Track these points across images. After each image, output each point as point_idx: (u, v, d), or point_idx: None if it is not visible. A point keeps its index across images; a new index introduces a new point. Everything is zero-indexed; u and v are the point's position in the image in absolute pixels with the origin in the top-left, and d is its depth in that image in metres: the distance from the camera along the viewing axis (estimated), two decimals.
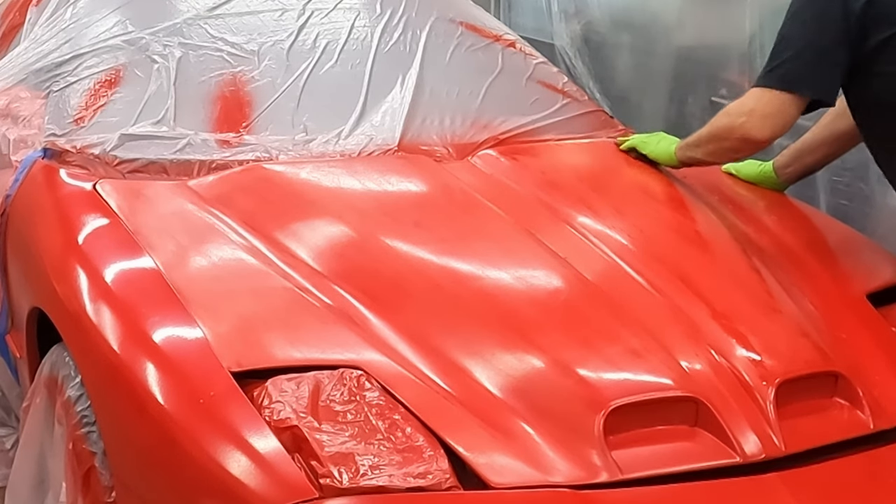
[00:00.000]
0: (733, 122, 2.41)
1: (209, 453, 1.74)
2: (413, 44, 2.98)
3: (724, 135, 2.46)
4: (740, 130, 2.39)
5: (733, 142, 2.44)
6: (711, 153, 2.56)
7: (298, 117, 2.73)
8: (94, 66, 2.79)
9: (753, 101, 2.38)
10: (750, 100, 2.39)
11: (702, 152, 2.58)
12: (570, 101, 3.05)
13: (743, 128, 2.38)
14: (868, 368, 2.07)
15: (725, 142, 2.47)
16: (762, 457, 1.85)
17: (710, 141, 2.53)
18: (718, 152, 2.54)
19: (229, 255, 2.19)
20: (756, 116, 2.36)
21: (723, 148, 2.50)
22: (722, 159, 2.64)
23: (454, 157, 2.70)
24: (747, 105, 2.39)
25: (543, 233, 2.31)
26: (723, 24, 3.70)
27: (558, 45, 4.39)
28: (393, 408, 1.81)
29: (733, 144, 2.45)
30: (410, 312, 2.04)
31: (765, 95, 2.35)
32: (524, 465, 1.76)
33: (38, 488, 2.29)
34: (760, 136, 2.38)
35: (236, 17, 2.95)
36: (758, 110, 2.36)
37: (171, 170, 2.55)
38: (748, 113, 2.37)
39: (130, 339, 1.97)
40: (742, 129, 2.39)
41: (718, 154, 2.56)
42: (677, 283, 2.18)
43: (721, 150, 2.52)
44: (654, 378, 1.93)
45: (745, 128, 2.38)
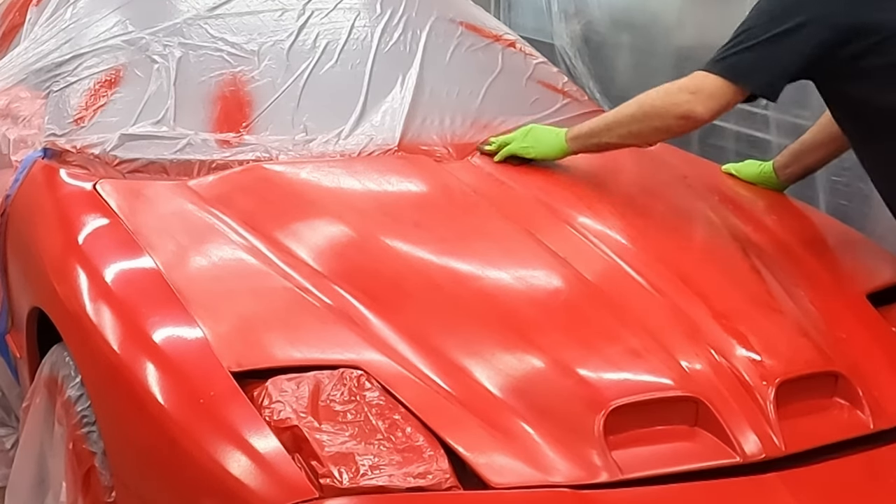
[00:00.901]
0: (674, 99, 2.37)
1: (209, 453, 1.74)
2: (413, 44, 2.98)
3: (660, 113, 2.40)
4: (684, 107, 2.35)
5: (671, 120, 2.39)
6: (630, 135, 2.48)
7: (298, 117, 2.73)
8: (94, 66, 2.79)
9: (698, 82, 2.35)
10: (694, 81, 2.35)
11: (615, 135, 2.50)
12: (570, 101, 3.05)
13: (688, 104, 2.34)
14: (868, 368, 2.07)
15: (658, 120, 2.41)
16: (762, 457, 1.85)
17: (635, 122, 2.45)
18: (642, 133, 2.47)
19: (229, 255, 2.19)
20: (702, 96, 2.33)
21: (653, 127, 2.44)
22: (640, 141, 2.54)
23: (454, 157, 2.70)
24: (692, 86, 2.35)
25: (543, 233, 2.31)
26: (723, 24, 3.69)
27: (558, 45, 4.39)
28: (393, 408, 1.81)
29: (670, 123, 2.40)
30: (410, 312, 2.04)
31: (709, 79, 2.34)
32: (524, 465, 1.76)
33: (38, 488, 2.29)
34: (704, 115, 2.34)
35: (236, 17, 2.95)
36: (704, 91, 2.33)
37: (171, 170, 2.55)
38: (694, 92, 2.34)
39: (130, 339, 1.97)
40: (687, 105, 2.34)
41: (640, 135, 2.48)
42: (677, 283, 2.18)
43: (650, 129, 2.45)
44: (654, 378, 1.93)
45: (691, 105, 2.34)
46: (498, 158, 2.66)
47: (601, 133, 2.53)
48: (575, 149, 2.58)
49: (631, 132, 2.47)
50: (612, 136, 2.51)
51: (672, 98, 2.38)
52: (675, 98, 2.37)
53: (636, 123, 2.45)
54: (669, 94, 2.39)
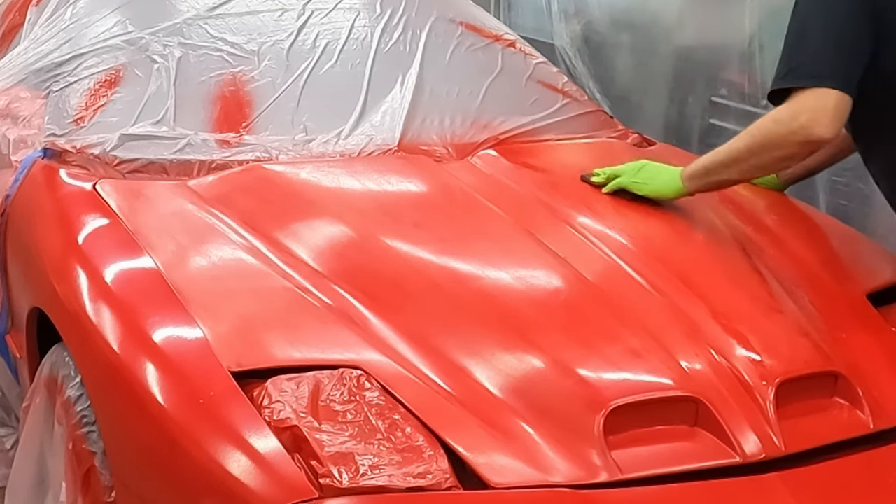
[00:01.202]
0: (787, 126, 2.24)
1: (209, 453, 1.74)
2: (413, 44, 2.98)
3: (779, 142, 2.27)
4: (802, 133, 2.23)
5: (793, 147, 2.27)
6: (753, 168, 2.37)
7: (298, 117, 2.74)
8: (94, 66, 2.79)
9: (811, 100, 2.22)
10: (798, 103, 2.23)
11: (735, 171, 2.39)
12: (570, 101, 3.05)
13: (804, 130, 2.22)
14: (868, 368, 2.07)
15: (779, 150, 2.28)
16: (762, 457, 1.85)
17: (754, 154, 2.32)
18: (767, 164, 2.36)
19: (229, 255, 2.19)
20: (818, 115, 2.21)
21: (774, 158, 2.31)
22: (764, 173, 2.46)
23: (454, 157, 2.70)
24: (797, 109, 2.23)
25: (543, 233, 2.31)
26: (723, 24, 3.70)
27: (558, 45, 4.40)
28: (393, 408, 1.81)
29: (794, 150, 2.28)
30: (410, 312, 2.04)
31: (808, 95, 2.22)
32: (524, 465, 1.76)
33: (38, 488, 2.29)
34: (827, 135, 2.22)
35: (236, 17, 2.95)
36: (819, 108, 2.21)
37: (171, 170, 2.55)
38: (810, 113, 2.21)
39: (130, 339, 1.97)
40: (803, 131, 2.22)
41: (766, 167, 2.38)
42: (677, 283, 2.18)
43: (772, 160, 2.33)
44: (654, 378, 1.93)
45: (809, 129, 2.21)
46: (607, 190, 2.54)
47: (719, 171, 2.40)
48: (692, 189, 2.46)
49: (753, 166, 2.36)
50: (732, 173, 2.40)
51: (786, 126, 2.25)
52: (789, 125, 2.24)
53: (756, 157, 2.33)
54: (780, 122, 2.27)
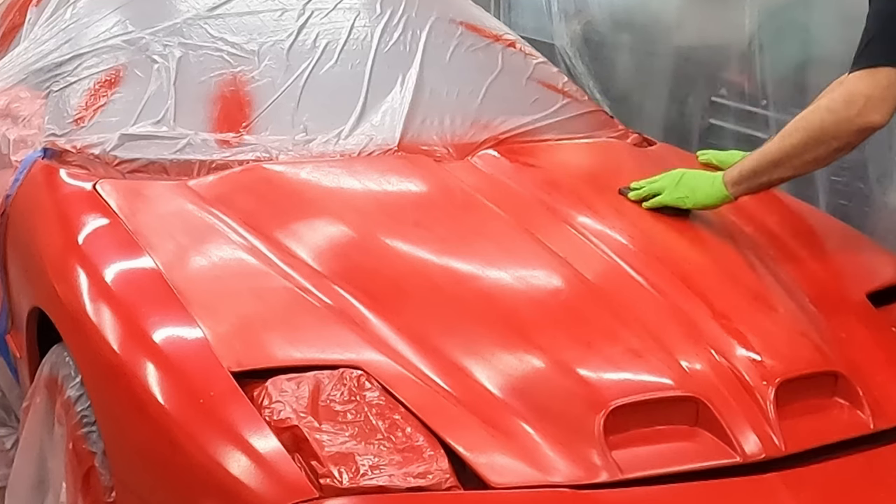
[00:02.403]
0: (844, 114, 2.19)
1: (209, 453, 1.74)
2: (413, 44, 2.98)
3: (834, 133, 2.22)
4: (857, 121, 2.19)
5: (849, 136, 2.22)
6: (807, 163, 2.31)
7: (298, 117, 2.74)
8: (94, 66, 2.79)
9: (866, 84, 2.17)
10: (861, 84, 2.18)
11: (789, 168, 2.32)
12: (570, 101, 3.05)
13: (861, 117, 2.18)
14: (868, 368, 2.07)
15: (835, 141, 2.23)
16: (762, 457, 1.85)
17: (809, 149, 2.27)
18: (821, 158, 2.29)
19: (229, 255, 2.19)
20: (875, 101, 2.16)
21: (832, 149, 2.26)
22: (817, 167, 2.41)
23: (454, 157, 2.70)
24: (860, 91, 2.18)
25: (543, 233, 2.31)
26: (723, 24, 3.70)
27: (558, 45, 4.39)
28: (393, 408, 1.81)
29: (850, 140, 2.24)
30: (410, 312, 2.04)
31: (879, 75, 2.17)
32: (524, 465, 1.76)
33: (38, 488, 2.29)
34: (882, 121, 2.18)
35: (236, 17, 2.95)
36: (876, 93, 2.16)
37: (171, 170, 2.55)
38: (865, 99, 2.17)
39: (130, 339, 1.97)
40: (860, 118, 2.18)
41: (822, 160, 2.31)
42: (677, 282, 2.18)
43: (828, 152, 2.27)
44: (654, 378, 1.93)
45: (865, 116, 2.17)
46: (648, 206, 2.46)
47: (769, 170, 2.34)
48: (740, 194, 2.39)
49: (807, 161, 2.30)
50: (784, 171, 2.34)
51: (843, 113, 2.21)
52: (845, 114, 2.20)
53: (811, 151, 2.27)
54: (835, 111, 2.22)
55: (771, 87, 3.43)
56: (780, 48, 3.38)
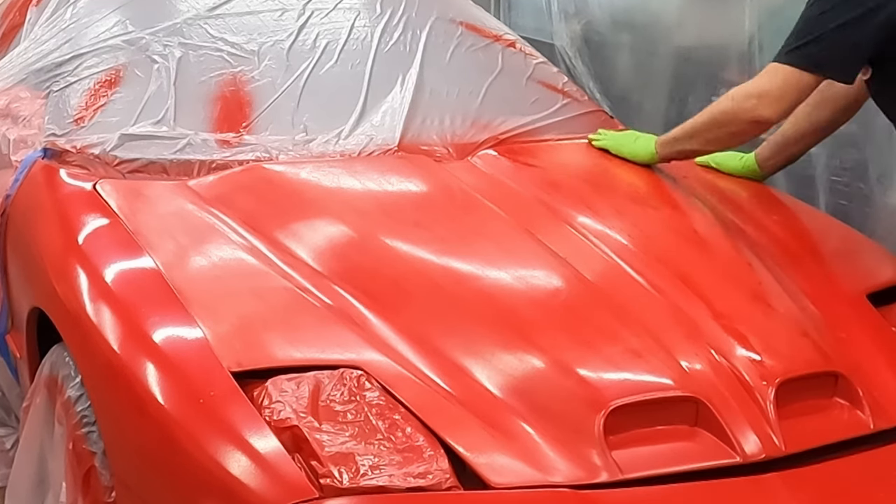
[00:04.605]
0: (741, 105, 2.42)
1: (209, 453, 1.74)
2: (413, 44, 2.98)
3: (729, 119, 2.46)
4: (751, 113, 2.40)
5: (741, 125, 2.45)
6: (710, 141, 2.56)
7: (298, 117, 2.73)
8: (94, 66, 2.79)
9: (767, 81, 2.37)
10: (763, 80, 2.38)
11: (697, 142, 2.58)
12: (570, 101, 3.05)
13: (755, 110, 2.39)
14: (868, 368, 2.07)
15: (730, 126, 2.47)
16: (762, 457, 1.85)
17: (711, 128, 2.52)
18: (720, 139, 2.54)
19: (229, 255, 2.19)
20: (770, 98, 2.36)
21: (728, 133, 2.50)
22: (721, 146, 2.62)
23: (454, 157, 2.70)
24: (759, 86, 2.38)
25: (543, 233, 2.31)
26: (723, 24, 3.70)
27: (558, 45, 4.40)
28: (393, 408, 1.81)
29: (741, 128, 2.46)
30: (410, 312, 2.04)
31: (780, 73, 2.35)
32: (524, 465, 1.76)
33: (38, 488, 2.29)
34: (772, 116, 2.40)
35: (236, 17, 2.95)
36: (773, 91, 2.36)
37: (171, 170, 2.55)
38: (759, 95, 2.38)
39: (130, 339, 1.97)
40: (754, 111, 2.39)
41: (719, 141, 2.56)
42: (677, 282, 2.18)
43: (724, 135, 2.51)
44: (654, 378, 1.93)
45: (758, 110, 2.38)
46: (595, 145, 2.79)
47: (684, 140, 2.61)
48: (663, 154, 2.66)
49: (709, 139, 2.56)
50: (694, 143, 2.60)
51: (741, 104, 2.43)
52: (743, 104, 2.42)
53: (713, 130, 2.53)
54: (737, 99, 2.44)
55: None
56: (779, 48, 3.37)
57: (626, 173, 2.73)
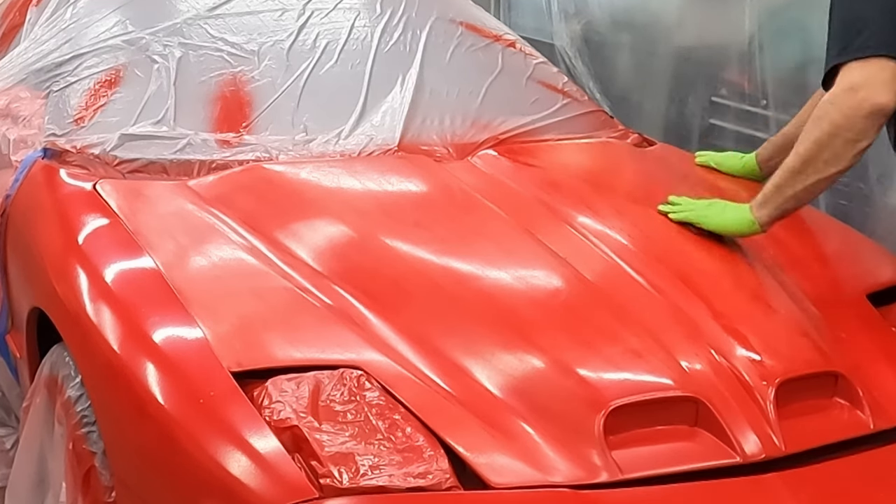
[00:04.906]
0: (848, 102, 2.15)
1: (209, 453, 1.74)
2: (413, 44, 2.98)
3: (844, 123, 2.16)
4: (865, 105, 2.13)
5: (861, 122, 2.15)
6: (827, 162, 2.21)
7: (298, 117, 2.74)
8: (94, 66, 2.79)
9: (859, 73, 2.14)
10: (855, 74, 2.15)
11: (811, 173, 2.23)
12: (570, 101, 3.05)
13: (868, 100, 2.13)
14: (868, 368, 2.07)
15: (848, 132, 2.16)
16: (762, 457, 1.85)
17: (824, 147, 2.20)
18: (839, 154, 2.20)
19: (229, 255, 2.19)
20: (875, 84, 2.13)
21: (847, 142, 2.17)
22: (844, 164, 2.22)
23: (454, 157, 2.70)
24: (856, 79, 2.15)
25: (543, 233, 2.31)
26: (723, 24, 3.70)
27: (558, 45, 4.40)
28: (393, 408, 1.81)
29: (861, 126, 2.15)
30: (410, 312, 2.04)
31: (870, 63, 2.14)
32: (524, 465, 1.76)
33: (38, 488, 2.29)
34: (889, 102, 2.13)
35: (236, 17, 2.95)
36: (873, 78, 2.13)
37: (171, 170, 2.55)
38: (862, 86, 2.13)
39: (130, 339, 1.97)
40: (866, 102, 2.13)
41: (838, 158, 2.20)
42: (677, 283, 2.18)
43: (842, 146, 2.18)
44: (654, 378, 1.93)
45: (872, 98, 2.13)
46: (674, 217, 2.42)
47: (791, 181, 2.26)
48: (766, 217, 2.31)
49: (826, 161, 2.21)
50: (807, 178, 2.24)
51: (847, 103, 2.16)
52: (849, 102, 2.16)
53: (827, 149, 2.20)
54: (838, 103, 2.18)
55: (771, 87, 3.43)
56: (780, 48, 3.38)
57: (626, 173, 2.73)
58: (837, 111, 2.17)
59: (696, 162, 2.82)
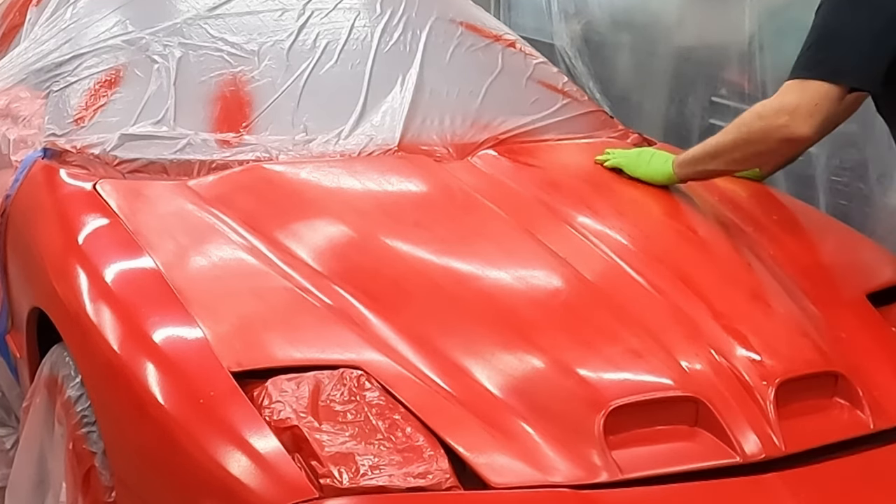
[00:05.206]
0: (771, 122, 2.26)
1: (209, 453, 1.74)
2: (413, 44, 2.98)
3: (760, 138, 2.30)
4: (783, 131, 2.25)
5: (772, 143, 2.30)
6: (736, 161, 2.42)
7: (298, 117, 2.74)
8: (94, 66, 2.79)
9: (796, 96, 2.22)
10: (791, 96, 2.24)
11: (721, 162, 2.43)
12: (570, 101, 3.05)
13: (787, 128, 2.24)
14: (868, 368, 2.07)
15: (760, 145, 2.32)
16: (762, 457, 1.85)
17: (737, 148, 2.36)
18: (748, 158, 2.40)
19: (229, 255, 2.19)
20: (801, 113, 2.21)
21: (756, 152, 2.35)
22: (747, 166, 2.50)
23: (454, 157, 2.70)
24: (788, 102, 2.24)
25: (543, 233, 2.31)
26: (723, 24, 3.70)
27: (558, 45, 4.40)
28: (393, 408, 1.81)
29: (771, 146, 2.32)
30: (410, 312, 2.04)
31: (809, 88, 2.22)
32: (524, 465, 1.76)
33: (38, 488, 2.29)
34: (807, 134, 2.24)
35: (236, 17, 2.95)
36: (803, 106, 2.21)
37: (171, 170, 2.55)
38: (791, 111, 2.22)
39: (130, 339, 1.97)
40: (786, 129, 2.24)
41: (746, 161, 2.42)
42: (677, 282, 2.18)
43: (751, 154, 2.37)
44: (654, 378, 1.93)
45: (790, 128, 2.23)
46: (607, 165, 2.65)
47: (706, 160, 2.46)
48: (682, 176, 2.52)
49: (735, 159, 2.40)
50: (717, 163, 2.45)
51: (771, 121, 2.27)
52: (773, 121, 2.26)
53: (740, 149, 2.36)
54: (765, 116, 2.28)
55: (771, 87, 3.43)
56: (780, 48, 3.37)
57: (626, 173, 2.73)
58: (759, 126, 2.30)
59: None
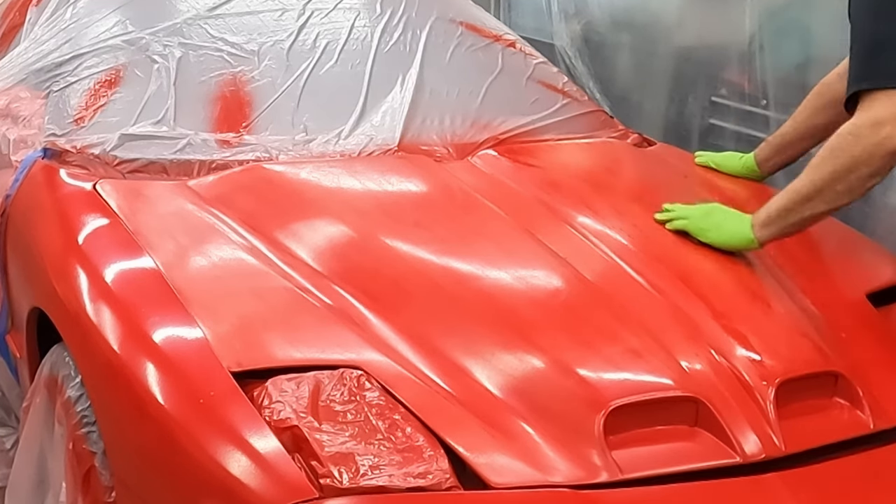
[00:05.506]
0: (873, 138, 2.10)
1: (209, 453, 1.74)
2: (413, 44, 2.99)
3: (865, 159, 2.12)
4: (888, 144, 2.09)
5: (878, 161, 2.11)
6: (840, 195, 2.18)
7: (298, 117, 2.74)
8: (94, 66, 2.79)
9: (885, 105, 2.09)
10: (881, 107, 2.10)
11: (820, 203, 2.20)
12: (570, 101, 3.05)
13: (890, 140, 2.08)
14: (868, 368, 2.07)
15: (865, 167, 2.12)
16: (762, 457, 1.85)
17: (839, 179, 2.16)
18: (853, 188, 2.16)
19: (229, 255, 2.19)
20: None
21: (861, 177, 2.14)
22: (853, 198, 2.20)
23: (454, 157, 2.70)
24: (883, 114, 2.09)
25: (543, 233, 2.31)
26: (723, 24, 3.70)
27: (558, 45, 4.39)
28: (393, 408, 1.81)
29: (878, 165, 2.12)
30: (410, 312, 2.04)
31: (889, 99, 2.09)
32: (524, 465, 1.76)
33: (38, 488, 2.29)
34: None
35: (236, 17, 2.95)
36: None
37: (171, 170, 2.55)
38: (888, 121, 2.08)
39: (130, 339, 1.97)
40: (889, 141, 2.08)
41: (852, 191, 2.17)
42: (677, 283, 2.18)
43: (858, 181, 2.15)
44: (654, 378, 1.93)
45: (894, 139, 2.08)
46: (670, 227, 2.38)
47: (801, 207, 2.22)
48: (768, 237, 2.27)
49: (839, 192, 2.17)
50: (817, 206, 2.21)
51: (872, 137, 2.10)
52: (875, 135, 2.10)
53: (842, 181, 2.15)
54: (862, 135, 2.12)
55: (771, 87, 3.43)
56: (780, 48, 3.37)
57: (626, 173, 2.73)
58: (859, 146, 2.12)
59: (696, 162, 2.82)
